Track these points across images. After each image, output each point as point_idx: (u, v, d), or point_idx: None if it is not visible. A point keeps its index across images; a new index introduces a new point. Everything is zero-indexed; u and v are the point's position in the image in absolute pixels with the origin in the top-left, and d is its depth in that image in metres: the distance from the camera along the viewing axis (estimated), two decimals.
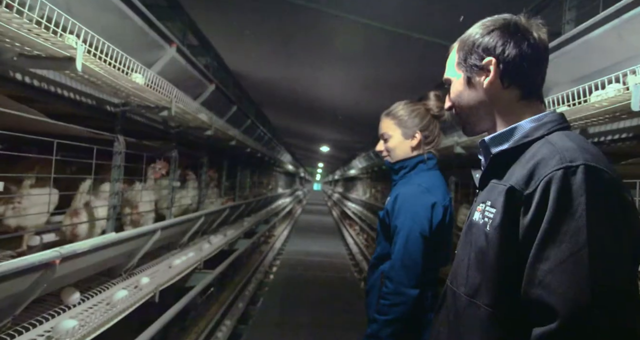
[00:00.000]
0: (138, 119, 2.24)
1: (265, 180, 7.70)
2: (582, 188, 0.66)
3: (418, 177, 1.41)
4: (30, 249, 1.92)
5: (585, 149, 0.71)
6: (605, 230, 0.66)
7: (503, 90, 0.82)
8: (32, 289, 1.24)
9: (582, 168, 0.67)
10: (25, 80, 1.37)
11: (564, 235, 0.66)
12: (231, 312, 4.36)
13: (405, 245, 1.29)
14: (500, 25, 0.83)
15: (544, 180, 0.69)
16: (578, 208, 0.66)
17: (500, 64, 0.81)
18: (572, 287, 0.64)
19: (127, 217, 2.38)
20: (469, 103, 0.88)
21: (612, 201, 0.67)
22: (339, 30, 4.81)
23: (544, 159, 0.71)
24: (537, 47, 0.80)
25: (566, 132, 0.78)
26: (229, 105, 3.59)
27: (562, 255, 0.66)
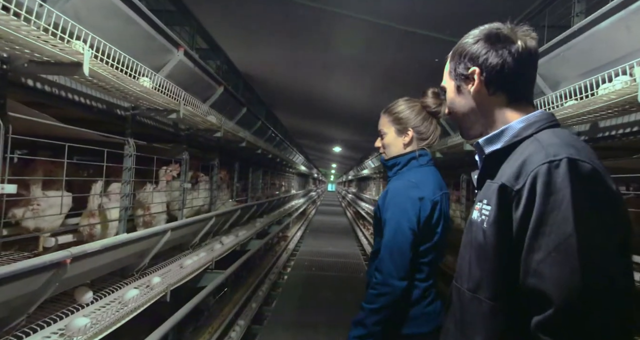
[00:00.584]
0: (148, 122, 2.29)
1: (278, 181, 7.73)
2: (566, 180, 0.70)
3: (410, 173, 1.45)
4: (46, 250, 1.98)
5: (569, 144, 0.74)
6: (590, 218, 0.69)
7: (489, 96, 0.88)
8: (44, 287, 1.28)
9: (565, 161, 0.71)
10: (37, 86, 1.42)
11: (552, 225, 0.70)
12: (244, 312, 4.40)
13: (393, 238, 1.33)
14: (484, 35, 0.87)
15: (530, 175, 0.73)
16: (563, 199, 0.69)
17: (484, 73, 0.86)
18: (563, 274, 0.68)
19: (140, 218, 2.42)
20: (460, 110, 0.94)
21: (596, 190, 0.71)
22: (348, 29, 4.81)
23: (530, 156, 0.76)
24: (519, 55, 0.83)
25: (554, 130, 0.81)
26: (238, 107, 3.63)
27: (552, 244, 0.69)
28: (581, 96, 1.41)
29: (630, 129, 1.45)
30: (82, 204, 2.05)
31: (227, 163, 3.94)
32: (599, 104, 1.31)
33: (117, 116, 1.97)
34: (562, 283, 0.68)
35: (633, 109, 1.26)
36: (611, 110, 1.34)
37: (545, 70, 1.84)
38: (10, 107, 1.27)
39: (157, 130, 2.41)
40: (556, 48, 1.69)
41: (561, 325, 0.68)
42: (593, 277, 0.67)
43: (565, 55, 1.65)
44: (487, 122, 0.90)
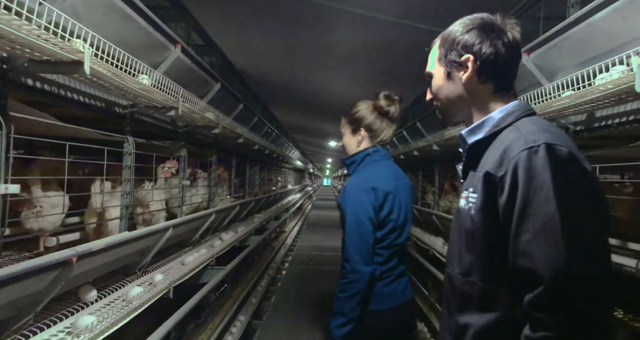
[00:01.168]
0: (146, 119, 2.28)
1: (275, 176, 7.74)
2: (545, 163, 0.74)
3: (365, 169, 1.59)
4: (48, 250, 1.98)
5: (546, 130, 0.79)
6: (570, 197, 0.73)
7: (479, 85, 0.91)
8: (51, 286, 1.28)
9: (544, 146, 0.75)
10: (36, 85, 1.41)
11: (536, 207, 0.73)
12: (245, 307, 4.42)
13: (353, 229, 1.46)
14: (478, 24, 0.89)
15: (512, 162, 0.77)
16: (544, 181, 0.73)
17: (477, 61, 0.88)
18: (550, 252, 0.71)
19: (139, 216, 2.43)
20: (448, 96, 0.95)
21: (573, 171, 0.75)
22: (344, 24, 4.79)
23: (511, 143, 0.80)
24: (510, 46, 0.88)
25: (531, 118, 0.86)
26: (235, 103, 3.62)
27: (538, 224, 0.73)
28: (578, 86, 1.43)
29: (626, 118, 1.48)
30: (79, 203, 2.05)
31: (224, 159, 3.94)
32: (596, 94, 1.33)
33: (115, 114, 1.96)
34: (549, 260, 0.71)
35: (630, 99, 1.28)
36: (608, 100, 1.36)
37: (542, 61, 1.86)
38: (10, 106, 1.27)
39: (155, 127, 2.40)
40: (553, 39, 1.71)
41: (552, 300, 0.71)
42: (578, 252, 0.70)
43: (561, 46, 1.66)
44: (473, 110, 0.93)
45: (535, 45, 1.84)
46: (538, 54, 1.84)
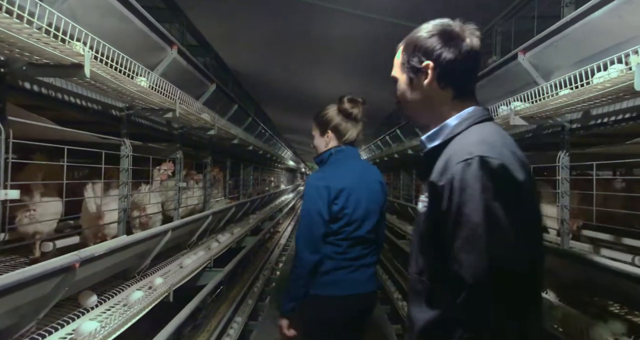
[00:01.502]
0: (142, 121, 2.26)
1: (268, 177, 7.72)
2: (475, 176, 0.79)
3: (327, 167, 1.77)
4: (44, 255, 1.95)
5: (485, 142, 0.84)
6: (495, 208, 0.77)
7: (440, 90, 0.94)
8: (54, 292, 1.27)
9: (477, 159, 0.80)
10: (34, 89, 1.39)
11: (466, 217, 0.79)
12: (241, 309, 4.41)
13: (303, 220, 1.66)
14: (438, 31, 0.93)
15: (450, 172, 0.83)
16: (474, 193, 0.79)
17: (437, 67, 0.92)
18: (473, 260, 0.78)
19: (136, 219, 2.40)
20: (410, 101, 0.99)
21: (502, 183, 0.79)
22: (335, 23, 4.80)
23: (453, 155, 0.86)
24: (468, 53, 0.91)
25: (481, 125, 0.91)
26: (230, 104, 3.61)
27: (466, 234, 0.79)
28: (576, 85, 1.45)
29: (622, 115, 1.51)
30: (74, 206, 2.02)
31: (218, 160, 3.91)
32: (594, 92, 1.35)
33: (112, 117, 1.93)
34: (472, 268, 0.78)
35: (627, 97, 1.31)
36: (605, 99, 1.38)
37: (538, 60, 1.88)
38: (8, 110, 1.24)
39: (150, 129, 2.38)
40: (548, 38, 1.73)
41: (472, 305, 0.78)
42: (497, 262, 0.77)
43: (557, 45, 1.69)
44: (434, 114, 0.97)
45: (530, 44, 1.86)
46: (534, 53, 1.87)
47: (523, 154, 0.88)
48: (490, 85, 2.39)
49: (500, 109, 2.05)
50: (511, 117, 1.86)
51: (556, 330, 1.60)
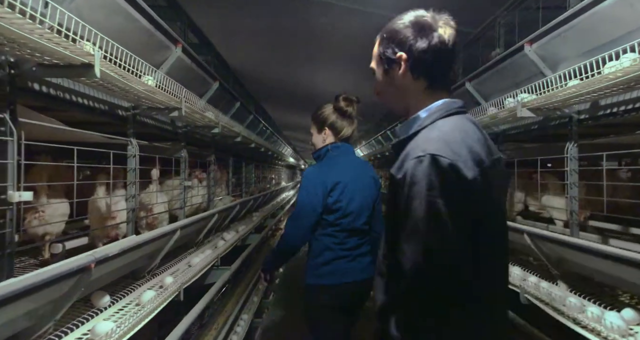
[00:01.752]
0: (147, 121, 2.25)
1: (269, 174, 7.71)
2: (425, 174, 0.82)
3: (325, 162, 1.90)
4: (54, 257, 1.95)
5: (441, 139, 0.86)
6: (438, 206, 0.80)
7: (413, 81, 0.96)
8: (70, 293, 1.26)
9: (428, 157, 0.83)
10: (42, 90, 1.38)
11: (411, 211, 0.83)
12: (247, 306, 4.42)
13: (298, 210, 1.82)
14: (410, 23, 0.94)
15: (405, 168, 0.87)
16: (421, 189, 0.82)
17: (410, 58, 0.94)
18: (412, 252, 0.83)
19: (143, 220, 2.40)
20: (386, 91, 1.02)
21: (448, 182, 0.81)
22: (334, 18, 4.77)
23: (410, 150, 0.88)
24: (441, 43, 0.92)
25: (447, 119, 0.92)
26: (232, 101, 3.59)
27: (410, 226, 0.84)
28: (585, 76, 1.45)
29: (632, 105, 1.50)
30: (82, 207, 2.01)
31: (221, 159, 3.90)
32: (605, 82, 1.35)
33: (118, 116, 1.93)
34: (410, 260, 0.83)
35: (639, 86, 1.31)
36: (616, 89, 1.38)
37: (545, 51, 1.88)
38: (18, 112, 1.23)
39: (155, 128, 2.37)
40: (556, 29, 1.72)
41: (408, 294, 0.84)
42: (432, 255, 0.81)
43: (565, 36, 1.68)
44: (409, 105, 0.99)
45: (537, 35, 1.86)
46: (541, 44, 1.86)
47: (487, 149, 0.90)
48: (494, 77, 2.39)
49: (507, 101, 2.05)
50: (518, 109, 1.86)
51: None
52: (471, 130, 0.91)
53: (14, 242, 1.18)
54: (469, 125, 0.93)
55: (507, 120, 2.20)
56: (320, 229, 1.85)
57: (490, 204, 0.88)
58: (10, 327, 1.10)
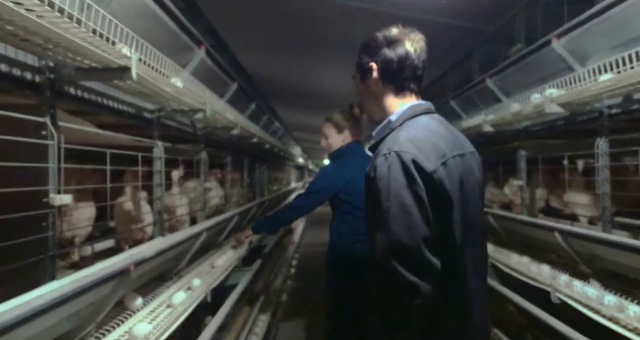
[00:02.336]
0: (170, 123, 2.26)
1: (280, 174, 7.72)
2: (389, 169, 0.94)
3: (340, 160, 2.22)
4: (83, 259, 1.96)
5: (407, 138, 0.98)
6: (401, 198, 0.92)
7: (384, 87, 1.10)
8: (111, 295, 1.27)
9: (393, 154, 0.95)
10: (77, 94, 1.39)
11: (379, 202, 0.95)
12: (264, 306, 4.42)
13: (309, 190, 2.28)
14: (382, 37, 1.09)
15: (374, 165, 0.99)
16: (386, 183, 0.94)
17: (380, 67, 1.08)
18: (380, 238, 0.94)
19: (166, 222, 2.40)
20: (363, 97, 1.16)
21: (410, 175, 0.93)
22: (343, 19, 4.76)
23: (379, 150, 1.01)
24: (407, 54, 1.06)
25: (415, 119, 1.05)
26: (249, 102, 3.60)
27: (377, 214, 0.95)
28: (620, 70, 1.42)
29: None
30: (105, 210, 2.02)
31: (236, 160, 3.91)
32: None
33: (144, 119, 1.93)
34: (378, 245, 0.94)
35: None
36: None
37: (574, 45, 1.85)
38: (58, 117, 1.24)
39: (176, 131, 2.38)
40: (586, 22, 1.70)
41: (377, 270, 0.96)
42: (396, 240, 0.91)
43: (596, 29, 1.66)
44: (382, 109, 1.12)
45: (566, 29, 1.84)
46: (569, 38, 1.84)
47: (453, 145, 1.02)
48: (517, 73, 2.37)
49: (533, 97, 2.03)
50: (546, 104, 1.84)
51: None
52: (436, 128, 1.04)
53: (56, 245, 1.19)
54: (435, 124, 1.06)
55: (531, 116, 2.18)
56: (338, 217, 2.20)
57: (459, 191, 0.99)
58: (56, 329, 1.11)
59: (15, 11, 0.81)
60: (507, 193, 3.20)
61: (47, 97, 1.19)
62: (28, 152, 1.16)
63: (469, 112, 3.50)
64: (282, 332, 4.37)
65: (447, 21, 4.20)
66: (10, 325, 0.87)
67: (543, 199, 2.90)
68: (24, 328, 0.93)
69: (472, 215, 1.02)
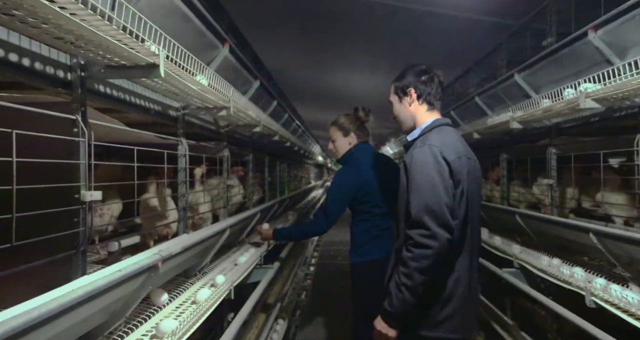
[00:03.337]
0: (194, 121, 2.27)
1: (300, 173, 7.73)
2: (422, 155, 1.40)
3: (351, 164, 2.29)
4: (111, 254, 2.00)
5: (435, 138, 1.45)
6: (429, 175, 1.36)
7: (419, 106, 1.56)
8: (139, 290, 1.28)
9: (426, 146, 1.41)
10: (106, 91, 1.41)
11: (412, 177, 1.39)
12: (285, 305, 4.43)
13: (329, 204, 2.23)
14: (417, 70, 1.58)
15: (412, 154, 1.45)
16: (418, 165, 1.39)
17: (417, 91, 1.56)
18: (415, 202, 1.35)
19: (190, 219, 2.43)
20: (401, 114, 1.61)
21: (436, 161, 1.37)
22: (365, 15, 4.71)
23: (415, 145, 1.47)
24: (433, 80, 1.56)
25: (439, 128, 1.51)
26: (270, 100, 3.60)
27: (414, 188, 1.38)
28: None
29: None
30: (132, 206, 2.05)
31: (258, 157, 3.92)
32: None
33: (169, 117, 1.95)
34: (414, 207, 1.35)
35: None
36: None
37: (612, 38, 1.77)
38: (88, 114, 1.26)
39: (199, 128, 2.39)
40: (628, 12, 1.61)
41: (413, 225, 1.35)
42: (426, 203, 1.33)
43: (637, 21, 1.57)
44: (415, 121, 1.57)
45: (603, 21, 1.75)
46: (607, 30, 1.75)
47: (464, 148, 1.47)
48: (549, 68, 2.28)
49: (566, 92, 1.95)
50: (581, 99, 1.76)
51: None
52: (453, 135, 1.50)
53: (86, 240, 1.21)
54: (452, 132, 1.52)
55: (564, 112, 2.10)
56: (357, 216, 2.23)
57: (466, 178, 1.41)
58: (88, 323, 1.13)
59: (50, 8, 0.82)
60: (536, 192, 3.10)
61: (78, 95, 1.21)
62: (60, 149, 1.18)
63: (495, 108, 3.40)
64: (302, 330, 4.37)
65: (472, 16, 4.09)
66: (45, 319, 0.88)
67: (574, 198, 2.79)
68: (58, 321, 0.94)
69: (472, 198, 1.45)
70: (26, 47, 1.07)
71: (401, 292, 1.33)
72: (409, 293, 1.32)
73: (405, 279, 1.32)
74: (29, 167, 1.04)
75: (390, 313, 1.38)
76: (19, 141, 0.95)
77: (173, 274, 1.83)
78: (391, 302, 1.37)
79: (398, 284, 1.35)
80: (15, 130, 0.95)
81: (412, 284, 1.31)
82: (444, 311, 1.38)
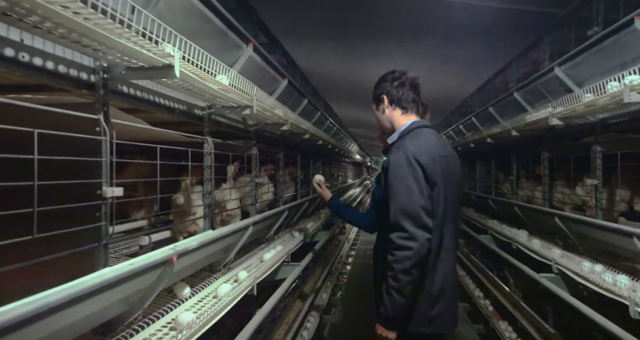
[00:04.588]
0: (220, 119, 2.33)
1: (336, 171, 7.72)
2: (398, 160, 1.52)
3: None
4: (142, 248, 2.09)
5: (411, 142, 1.57)
6: (405, 179, 1.48)
7: (393, 111, 1.72)
8: (156, 283, 1.33)
9: (401, 151, 1.53)
10: (130, 92, 1.47)
11: (390, 182, 1.53)
12: (316, 302, 4.45)
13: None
14: (388, 77, 1.74)
15: (389, 159, 1.57)
16: (394, 170, 1.52)
17: (389, 97, 1.71)
18: (393, 206, 1.49)
19: (217, 216, 2.49)
20: (380, 121, 1.78)
21: (411, 165, 1.49)
22: (399, 8, 4.60)
23: (392, 150, 1.61)
24: (404, 85, 1.70)
25: (417, 131, 1.65)
26: (300, 99, 3.62)
27: (392, 193, 1.51)
28: None
29: None
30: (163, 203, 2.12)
31: (289, 155, 3.95)
32: None
33: (195, 116, 2.01)
34: (392, 211, 1.48)
35: None
36: None
37: None
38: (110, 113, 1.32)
39: (227, 127, 2.45)
40: None
41: (393, 229, 1.47)
42: (402, 207, 1.46)
43: None
44: (393, 126, 1.72)
45: None
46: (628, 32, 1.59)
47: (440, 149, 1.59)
48: (592, 59, 2.12)
49: (609, 86, 1.80)
50: (625, 93, 1.62)
51: None
52: (429, 137, 1.61)
53: (109, 234, 1.27)
54: (428, 134, 1.64)
55: (608, 107, 1.94)
56: None
57: (442, 179, 1.53)
58: (108, 312, 1.19)
59: (76, 21, 0.88)
60: (580, 193, 2.90)
61: (100, 96, 1.27)
62: (84, 147, 1.25)
63: (535, 104, 3.21)
64: (334, 327, 4.37)
65: (509, 6, 3.89)
66: (68, 302, 0.95)
67: (625, 200, 2.58)
68: (80, 306, 1.01)
69: (450, 196, 1.57)
70: (50, 52, 1.14)
71: (391, 295, 1.44)
72: (398, 295, 1.43)
73: (393, 281, 1.43)
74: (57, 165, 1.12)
75: (386, 317, 1.48)
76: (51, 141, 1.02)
77: (196, 268, 1.89)
78: (385, 306, 1.47)
79: (387, 288, 1.45)
80: (38, 130, 1.02)
81: (399, 285, 1.42)
82: (436, 308, 1.52)
